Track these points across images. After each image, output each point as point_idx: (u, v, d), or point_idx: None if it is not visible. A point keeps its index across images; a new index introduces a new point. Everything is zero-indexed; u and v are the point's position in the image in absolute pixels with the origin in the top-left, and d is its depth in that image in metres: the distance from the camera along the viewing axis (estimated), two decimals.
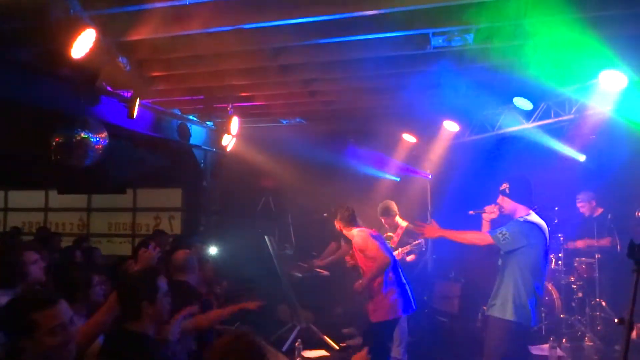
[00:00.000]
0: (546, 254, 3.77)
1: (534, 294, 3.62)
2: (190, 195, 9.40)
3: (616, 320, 1.88)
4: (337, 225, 4.73)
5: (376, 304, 4.45)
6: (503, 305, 3.58)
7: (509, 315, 3.55)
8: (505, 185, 3.78)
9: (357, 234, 4.58)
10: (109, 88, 5.67)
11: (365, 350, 2.43)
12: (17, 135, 7.00)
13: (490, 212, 3.86)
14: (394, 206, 5.99)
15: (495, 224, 3.86)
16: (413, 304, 4.60)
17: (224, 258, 6.76)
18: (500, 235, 3.60)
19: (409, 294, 4.59)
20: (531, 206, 3.77)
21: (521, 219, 3.67)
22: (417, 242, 5.85)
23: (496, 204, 3.82)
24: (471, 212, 3.99)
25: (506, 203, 3.77)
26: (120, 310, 2.58)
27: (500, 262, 3.74)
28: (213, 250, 6.64)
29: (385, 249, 4.50)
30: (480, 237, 3.73)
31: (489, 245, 3.67)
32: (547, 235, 3.73)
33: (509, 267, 3.63)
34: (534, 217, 3.71)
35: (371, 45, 4.68)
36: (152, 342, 2.58)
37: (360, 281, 4.49)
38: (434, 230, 3.91)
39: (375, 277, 4.41)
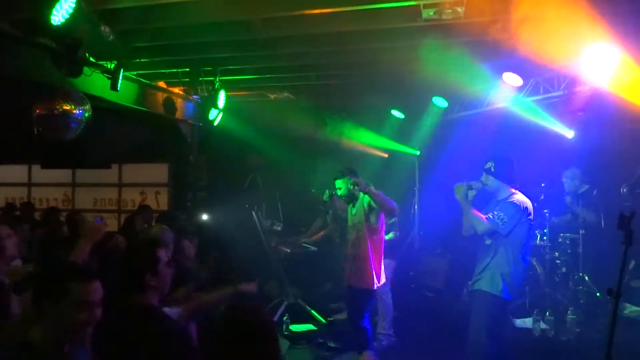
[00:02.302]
0: (531, 231, 3.85)
1: (522, 269, 3.71)
2: (177, 170, 9.31)
3: (601, 293, 1.89)
4: (348, 189, 4.60)
5: (367, 270, 4.48)
6: (492, 280, 3.61)
7: (497, 290, 3.59)
8: (490, 164, 3.79)
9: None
10: (91, 60, 5.52)
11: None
12: None
13: (470, 189, 3.83)
14: None
15: (475, 201, 3.86)
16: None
17: (211, 234, 6.73)
18: (498, 220, 3.61)
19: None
20: (514, 185, 3.79)
21: (512, 200, 3.69)
22: (392, 220, 5.86)
23: (479, 181, 3.82)
24: (454, 187, 3.99)
25: (490, 181, 3.78)
26: (122, 286, 2.54)
27: (488, 241, 3.73)
28: (200, 225, 6.60)
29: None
30: (483, 222, 3.66)
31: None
32: (532, 212, 3.77)
33: (500, 245, 3.65)
34: (521, 196, 3.75)
35: (361, 17, 4.60)
36: (160, 312, 2.56)
37: (368, 188, 4.33)
38: (461, 191, 3.79)
39: (383, 203, 4.35)
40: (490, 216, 3.65)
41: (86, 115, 5.11)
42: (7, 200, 9.57)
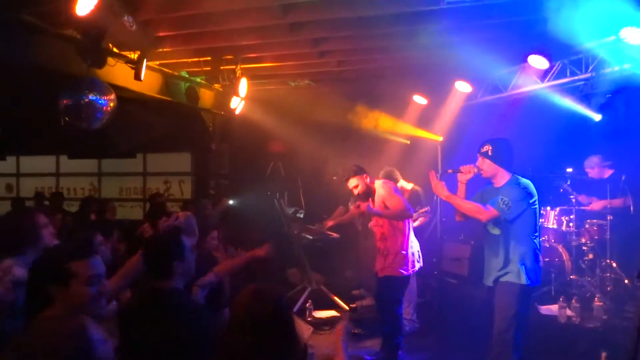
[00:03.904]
0: (538, 212, 3.77)
1: (538, 253, 3.65)
2: (200, 159, 9.43)
3: (629, 279, 1.85)
4: (364, 185, 4.57)
5: (393, 259, 4.46)
6: (518, 272, 3.55)
7: (523, 279, 3.54)
8: (487, 147, 3.68)
9: (380, 184, 4.55)
10: (115, 50, 5.60)
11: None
12: (26, 100, 6.99)
13: (466, 172, 3.75)
14: (397, 174, 5.97)
15: (470, 185, 3.78)
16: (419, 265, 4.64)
17: (235, 221, 6.81)
18: (504, 206, 3.52)
19: (418, 254, 4.64)
20: (511, 170, 3.69)
21: (517, 184, 3.60)
22: (423, 209, 5.84)
23: (475, 165, 3.72)
24: (449, 170, 3.92)
25: (487, 166, 3.68)
26: (149, 271, 2.61)
27: (496, 230, 3.67)
28: (224, 213, 6.68)
29: (407, 203, 4.51)
30: (483, 210, 3.61)
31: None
32: (536, 194, 3.68)
33: (512, 233, 3.59)
34: (522, 180, 3.66)
35: (383, 1, 4.54)
36: (186, 296, 2.64)
37: (374, 208, 4.38)
38: (441, 189, 3.77)
39: (392, 218, 4.40)
40: (496, 203, 3.54)
41: (111, 105, 5.19)
42: (36, 190, 9.84)
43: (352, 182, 4.62)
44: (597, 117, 6.08)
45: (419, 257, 4.67)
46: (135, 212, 10.20)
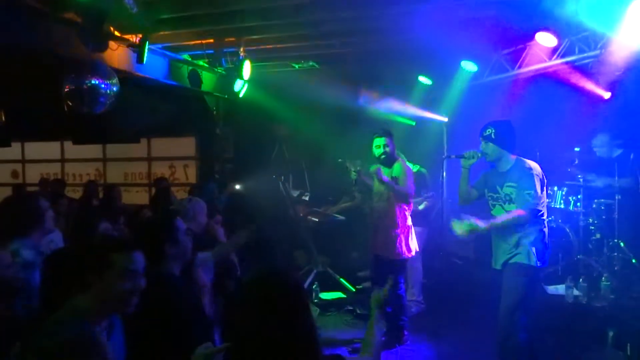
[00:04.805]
0: (546, 192, 3.72)
1: (545, 233, 3.62)
2: (204, 143, 9.41)
3: (637, 259, 1.82)
4: (390, 149, 4.56)
5: (391, 239, 4.46)
6: (528, 253, 3.51)
7: (533, 260, 3.50)
8: (490, 131, 3.59)
9: (400, 163, 4.56)
10: (116, 34, 5.54)
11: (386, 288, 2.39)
12: (31, 85, 6.96)
13: (470, 158, 3.69)
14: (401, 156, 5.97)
15: (474, 170, 3.72)
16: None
17: (241, 204, 6.81)
18: (531, 199, 3.45)
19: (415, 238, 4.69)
20: (514, 153, 3.62)
21: (526, 169, 3.53)
22: (428, 194, 5.82)
23: (479, 151, 3.65)
24: (452, 156, 3.87)
25: (490, 149, 3.60)
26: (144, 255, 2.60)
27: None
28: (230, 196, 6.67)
29: (413, 190, 4.56)
30: (522, 214, 3.48)
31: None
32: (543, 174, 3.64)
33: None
34: (529, 162, 3.60)
35: None
36: (179, 280, 2.63)
37: (385, 178, 4.37)
38: (474, 228, 3.53)
39: (396, 194, 4.42)
40: (524, 200, 3.45)
41: (114, 89, 5.16)
42: (42, 176, 9.87)
43: (380, 140, 4.55)
44: (606, 95, 5.99)
45: (417, 240, 4.69)
46: (140, 197, 10.22)
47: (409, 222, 4.56)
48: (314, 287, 5.91)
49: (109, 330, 2.04)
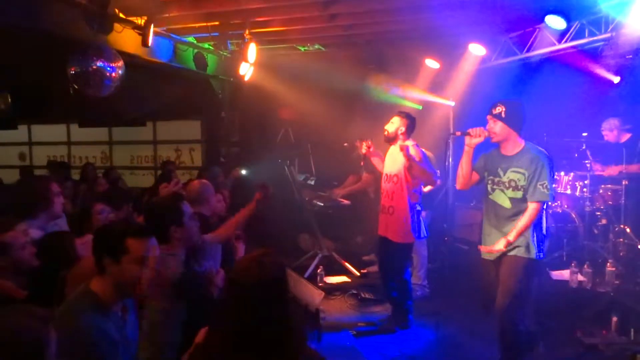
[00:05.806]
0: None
1: (544, 222, 3.48)
2: (210, 126, 9.40)
3: None
4: (397, 129, 4.46)
5: (397, 222, 4.44)
6: (528, 246, 3.36)
7: (533, 254, 3.36)
8: (500, 108, 3.36)
9: (413, 145, 4.42)
10: (121, 16, 5.51)
11: None
12: (37, 68, 6.95)
13: (475, 136, 3.43)
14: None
15: (479, 150, 3.53)
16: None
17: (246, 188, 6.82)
18: (546, 191, 3.26)
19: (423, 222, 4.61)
20: (521, 133, 3.43)
21: (546, 158, 3.33)
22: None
23: (485, 129, 3.42)
24: (457, 133, 3.71)
25: (499, 128, 3.37)
26: None
27: (509, 204, 3.42)
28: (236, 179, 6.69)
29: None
30: (537, 209, 3.32)
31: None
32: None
33: (525, 206, 3.36)
34: (540, 149, 3.40)
35: None
36: (184, 262, 2.66)
37: (409, 156, 4.13)
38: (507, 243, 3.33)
39: (421, 174, 4.27)
40: (538, 193, 3.28)
41: (119, 72, 5.14)
42: (49, 159, 9.92)
43: (395, 119, 4.50)
44: (615, 79, 5.91)
45: (425, 225, 4.63)
46: (146, 180, 10.26)
47: (418, 205, 4.49)
48: (319, 271, 5.94)
49: (124, 312, 2.09)
